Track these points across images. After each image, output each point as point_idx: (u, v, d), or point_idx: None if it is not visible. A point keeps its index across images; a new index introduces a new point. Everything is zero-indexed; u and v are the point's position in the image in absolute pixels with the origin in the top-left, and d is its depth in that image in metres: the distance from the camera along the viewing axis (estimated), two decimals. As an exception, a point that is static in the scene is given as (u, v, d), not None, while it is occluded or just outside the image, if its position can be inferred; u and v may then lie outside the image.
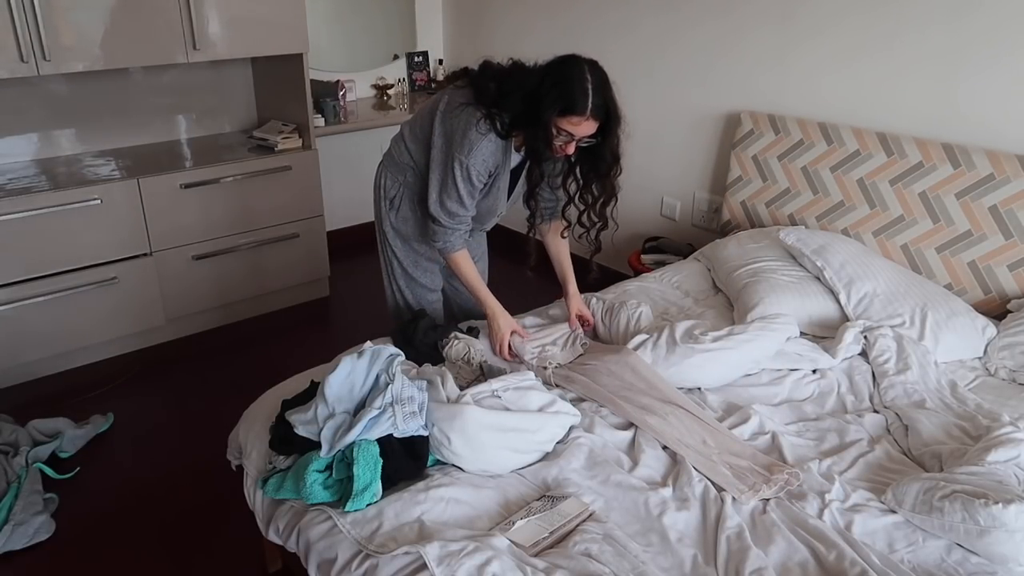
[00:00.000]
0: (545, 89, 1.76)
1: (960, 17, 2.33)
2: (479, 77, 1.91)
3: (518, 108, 1.81)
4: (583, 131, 1.80)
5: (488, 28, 4.06)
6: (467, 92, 1.90)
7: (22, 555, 2.07)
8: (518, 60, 1.91)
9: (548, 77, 1.78)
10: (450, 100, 1.93)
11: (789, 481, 1.61)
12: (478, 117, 1.84)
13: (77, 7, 2.65)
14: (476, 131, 1.84)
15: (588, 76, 1.76)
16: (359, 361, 1.65)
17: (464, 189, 1.91)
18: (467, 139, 1.85)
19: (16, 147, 3.05)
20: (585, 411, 1.82)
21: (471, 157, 1.86)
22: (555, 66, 1.80)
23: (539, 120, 1.77)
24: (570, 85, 1.75)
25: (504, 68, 1.91)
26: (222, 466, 1.97)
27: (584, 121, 1.77)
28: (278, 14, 3.05)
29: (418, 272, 2.21)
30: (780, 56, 2.82)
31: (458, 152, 1.87)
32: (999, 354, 2.11)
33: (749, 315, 2.20)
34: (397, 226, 2.16)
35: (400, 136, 2.13)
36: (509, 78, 1.85)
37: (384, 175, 2.15)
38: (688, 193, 3.28)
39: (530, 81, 1.80)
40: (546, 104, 1.75)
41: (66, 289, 2.81)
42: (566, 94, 1.75)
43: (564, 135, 1.80)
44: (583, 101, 1.75)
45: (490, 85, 1.87)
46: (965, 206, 2.35)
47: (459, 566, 1.32)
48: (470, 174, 1.89)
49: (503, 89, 1.84)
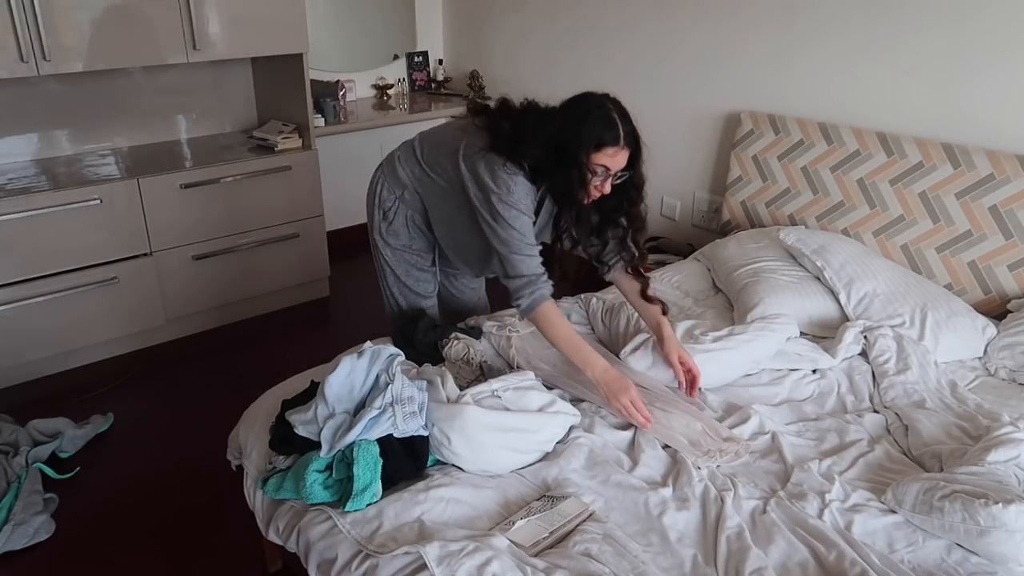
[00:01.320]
0: (571, 129, 1.70)
1: (960, 18, 2.33)
2: (496, 118, 1.83)
3: (539, 156, 1.75)
4: (618, 163, 1.74)
5: (488, 28, 4.06)
6: (485, 136, 1.82)
7: (22, 555, 2.07)
8: (533, 101, 1.84)
9: (568, 119, 1.72)
10: (469, 143, 1.85)
11: (739, 452, 1.68)
12: (502, 161, 1.78)
13: (77, 7, 2.65)
14: (504, 172, 1.77)
15: (610, 106, 1.73)
16: (359, 361, 1.65)
17: (518, 223, 1.80)
18: (499, 181, 1.78)
19: (16, 147, 3.05)
20: (585, 411, 1.82)
21: (512, 195, 1.78)
22: (573, 105, 1.75)
23: (572, 161, 1.71)
24: (597, 118, 1.70)
25: (519, 113, 1.83)
26: (222, 466, 1.97)
27: (620, 151, 1.72)
28: (278, 14, 3.05)
29: (410, 280, 2.18)
30: (781, 58, 2.82)
31: (495, 194, 1.78)
32: (999, 354, 2.11)
33: (749, 315, 2.20)
34: (387, 238, 2.13)
35: (411, 154, 2.04)
36: (524, 124, 1.77)
37: (382, 184, 2.09)
38: (688, 193, 3.28)
39: (548, 127, 1.73)
40: (576, 143, 1.69)
41: (66, 289, 2.81)
42: (597, 128, 1.70)
43: (601, 172, 1.74)
44: (615, 131, 1.70)
45: (505, 129, 1.79)
46: (965, 206, 2.35)
47: (459, 566, 1.32)
48: (516, 208, 1.79)
49: (519, 137, 1.76)
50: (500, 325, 2.07)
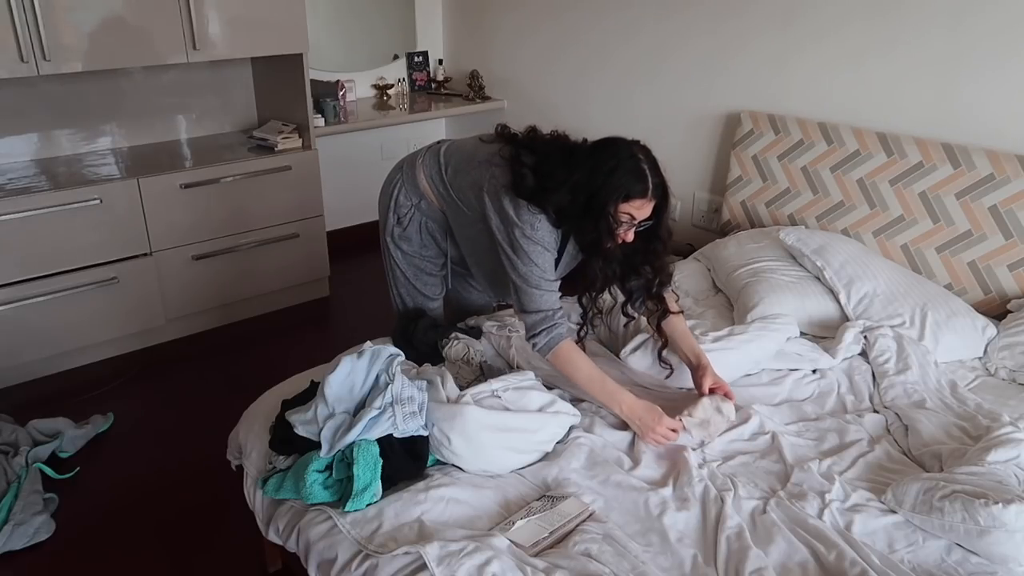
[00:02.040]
0: (600, 179, 1.68)
1: (960, 19, 2.33)
2: (522, 159, 1.79)
3: (564, 202, 1.72)
4: (644, 213, 1.73)
5: (488, 28, 4.06)
6: (507, 174, 1.79)
7: (22, 555, 2.07)
8: (563, 135, 1.83)
9: (599, 167, 1.69)
10: (493, 178, 1.81)
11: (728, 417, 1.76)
12: (524, 202, 1.77)
13: (77, 7, 2.65)
14: (528, 211, 1.76)
15: (640, 155, 1.71)
16: (359, 361, 1.65)
17: (539, 259, 1.78)
18: (523, 217, 1.76)
19: (16, 147, 3.05)
20: (585, 411, 1.82)
21: (536, 232, 1.76)
22: (601, 151, 1.73)
23: (600, 210, 1.69)
24: (627, 170, 1.69)
25: (544, 146, 1.80)
26: (222, 466, 1.97)
27: (646, 203, 1.72)
28: (278, 14, 3.05)
29: (419, 283, 2.19)
30: (781, 58, 2.82)
31: (518, 228, 1.77)
32: (999, 354, 2.11)
33: (749, 315, 2.20)
34: (399, 243, 2.13)
35: (435, 166, 2.00)
36: (548, 167, 1.74)
37: (400, 189, 2.07)
38: (688, 193, 3.28)
39: (575, 173, 1.70)
40: (606, 193, 1.67)
41: (66, 289, 2.81)
42: (626, 180, 1.68)
43: (626, 221, 1.72)
44: (643, 183, 1.69)
45: (528, 172, 1.75)
46: (965, 206, 2.35)
47: (459, 566, 1.32)
48: (539, 244, 1.78)
49: (544, 184, 1.73)
50: (500, 325, 2.07)
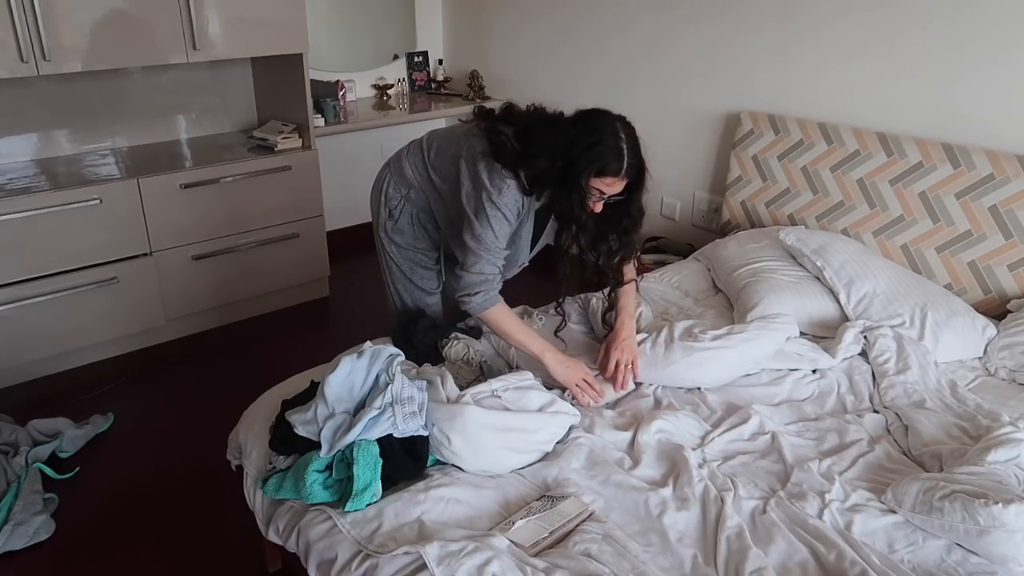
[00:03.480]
0: (578, 150, 1.72)
1: (960, 16, 2.33)
2: (499, 123, 1.85)
3: (543, 168, 1.77)
4: (614, 190, 1.78)
5: (487, 28, 4.06)
6: (486, 143, 1.84)
7: (22, 555, 2.07)
8: (540, 107, 1.87)
9: (580, 137, 1.73)
10: (470, 147, 1.87)
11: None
12: (500, 166, 1.81)
13: (77, 7, 2.65)
14: (500, 175, 1.80)
15: (622, 135, 1.74)
16: (359, 361, 1.65)
17: (497, 226, 1.84)
18: (494, 181, 1.81)
19: (16, 147, 3.05)
20: (585, 411, 1.82)
21: (502, 197, 1.81)
22: (585, 124, 1.76)
23: (573, 182, 1.74)
24: (607, 146, 1.72)
25: (525, 117, 1.85)
26: (222, 466, 1.97)
27: (617, 181, 1.76)
28: (278, 14, 3.05)
29: (416, 277, 2.20)
30: (780, 55, 2.82)
31: (486, 192, 1.82)
32: (999, 354, 2.11)
33: (749, 315, 2.20)
34: (393, 236, 2.15)
35: (419, 154, 2.05)
36: (530, 133, 1.79)
37: (388, 182, 2.10)
38: (688, 193, 3.28)
39: (557, 140, 1.75)
40: (581, 165, 1.72)
41: (66, 289, 2.81)
42: (601, 155, 1.71)
43: (596, 194, 1.78)
44: (618, 162, 1.72)
45: (509, 142, 1.80)
46: (965, 206, 2.35)
47: (459, 566, 1.32)
48: (502, 211, 1.83)
49: (526, 149, 1.78)
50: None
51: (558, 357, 1.90)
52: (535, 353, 1.90)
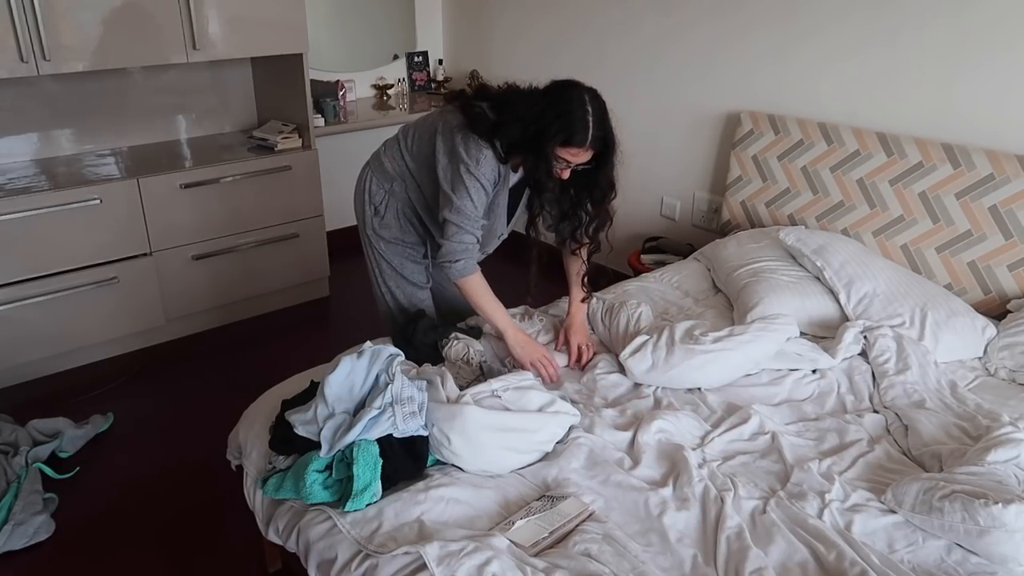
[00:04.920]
0: (548, 120, 1.78)
1: (960, 16, 2.33)
2: (474, 100, 1.92)
3: (516, 135, 1.83)
4: (579, 159, 1.85)
5: (487, 28, 4.06)
6: (461, 117, 1.91)
7: (22, 555, 2.07)
8: (513, 84, 1.93)
9: (550, 107, 1.79)
10: (446, 123, 1.94)
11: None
12: (475, 136, 1.87)
13: (77, 7, 2.65)
14: (476, 145, 1.86)
15: (589, 107, 1.78)
16: (359, 361, 1.65)
17: (476, 196, 1.90)
18: (470, 151, 1.87)
19: (16, 147, 3.05)
20: (585, 411, 1.82)
21: (479, 167, 1.87)
22: (556, 94, 1.82)
23: (540, 150, 1.80)
24: (574, 117, 1.77)
25: (500, 93, 1.92)
26: (222, 466, 1.97)
27: (582, 152, 1.82)
28: (278, 14, 3.05)
29: (406, 271, 2.22)
30: (780, 55, 2.82)
31: (463, 163, 1.88)
32: (999, 354, 2.11)
33: (749, 315, 2.20)
34: (380, 231, 2.17)
35: (395, 146, 2.12)
36: (505, 105, 1.86)
37: (370, 180, 2.15)
38: (688, 193, 3.28)
39: (530, 110, 1.81)
40: (548, 135, 1.78)
41: (66, 289, 2.81)
42: (567, 125, 1.77)
43: (562, 163, 1.85)
44: (583, 133, 1.78)
45: (485, 112, 1.87)
46: (965, 206, 2.35)
47: (459, 566, 1.32)
48: (480, 181, 1.89)
49: (500, 118, 1.85)
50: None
51: (519, 336, 2.00)
52: (499, 327, 2.00)
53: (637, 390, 1.97)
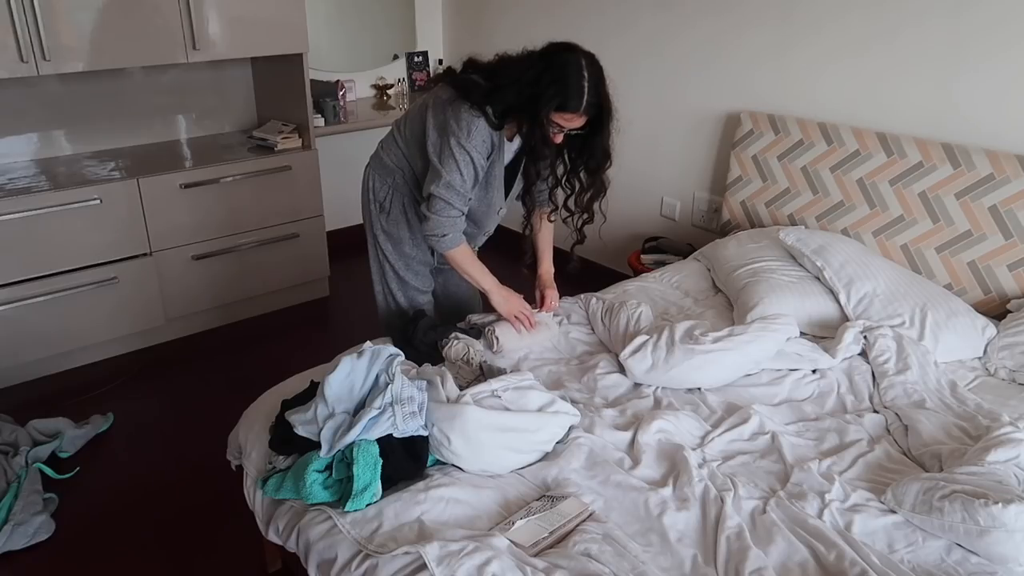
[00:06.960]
0: (544, 84, 1.77)
1: (959, 16, 2.33)
2: (464, 74, 1.92)
3: (511, 99, 1.83)
4: (573, 125, 1.85)
5: (488, 28, 4.05)
6: (452, 90, 1.91)
7: (22, 555, 2.07)
8: (504, 53, 1.92)
9: (546, 71, 1.78)
10: (436, 97, 1.94)
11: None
12: (468, 105, 1.86)
13: (77, 7, 2.65)
14: (468, 114, 1.86)
15: (585, 73, 1.78)
16: (359, 361, 1.65)
17: (465, 170, 1.90)
18: (461, 122, 1.86)
19: (16, 147, 3.05)
20: (585, 411, 1.82)
21: (470, 139, 1.86)
22: (553, 58, 1.81)
23: (535, 115, 1.80)
24: (567, 81, 1.77)
25: (490, 63, 1.92)
26: (222, 466, 1.97)
27: (576, 117, 1.82)
28: (278, 14, 3.05)
29: (410, 275, 2.21)
30: (780, 55, 2.82)
31: (454, 136, 1.87)
32: (999, 354, 2.11)
33: (749, 315, 2.20)
34: (388, 229, 2.16)
35: (391, 139, 2.13)
36: (499, 71, 1.86)
37: (372, 178, 2.16)
38: (688, 193, 3.28)
39: (526, 73, 1.80)
40: (543, 100, 1.77)
41: (66, 289, 2.81)
42: (562, 90, 1.77)
43: (556, 128, 1.85)
44: (578, 99, 1.78)
45: (477, 81, 1.87)
46: (965, 206, 2.35)
47: (459, 566, 1.32)
48: (470, 155, 1.88)
49: (495, 83, 1.84)
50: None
51: (502, 292, 2.11)
52: (484, 287, 2.10)
53: (637, 390, 1.97)
